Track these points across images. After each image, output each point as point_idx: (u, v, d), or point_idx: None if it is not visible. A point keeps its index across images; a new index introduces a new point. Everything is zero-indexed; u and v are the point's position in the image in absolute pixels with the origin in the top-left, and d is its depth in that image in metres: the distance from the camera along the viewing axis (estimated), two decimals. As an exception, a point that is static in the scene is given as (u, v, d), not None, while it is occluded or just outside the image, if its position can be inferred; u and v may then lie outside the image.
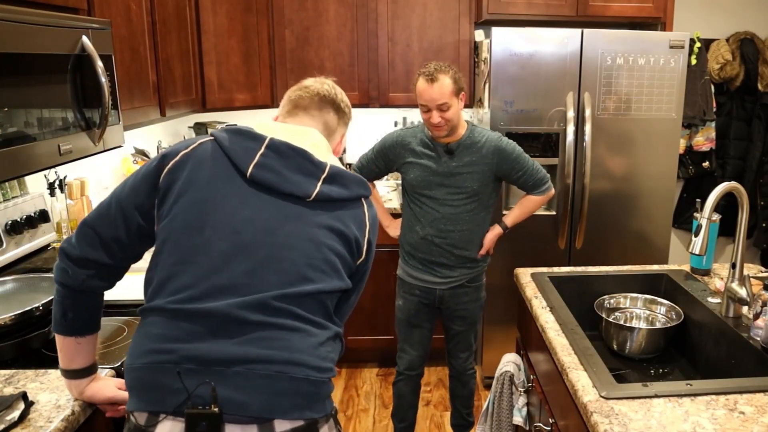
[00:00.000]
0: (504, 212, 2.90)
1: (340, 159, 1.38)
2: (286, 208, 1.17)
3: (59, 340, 1.22)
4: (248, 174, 1.16)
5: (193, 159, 1.18)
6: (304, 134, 1.25)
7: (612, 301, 1.89)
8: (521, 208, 2.36)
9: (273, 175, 1.17)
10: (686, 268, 2.04)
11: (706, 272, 1.98)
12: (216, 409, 1.04)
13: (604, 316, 1.78)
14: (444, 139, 2.20)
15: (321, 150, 1.24)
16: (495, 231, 2.33)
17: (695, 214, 1.81)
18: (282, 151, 1.19)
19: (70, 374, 1.24)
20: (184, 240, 1.13)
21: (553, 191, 2.34)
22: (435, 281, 2.29)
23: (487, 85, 2.86)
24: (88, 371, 1.25)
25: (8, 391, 1.29)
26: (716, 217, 1.95)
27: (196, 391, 1.05)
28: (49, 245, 2.05)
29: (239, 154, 1.17)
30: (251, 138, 1.19)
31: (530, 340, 1.88)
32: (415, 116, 3.61)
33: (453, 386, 2.55)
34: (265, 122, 1.28)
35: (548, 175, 2.31)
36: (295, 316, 1.13)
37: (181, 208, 1.14)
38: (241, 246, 1.13)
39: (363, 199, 1.26)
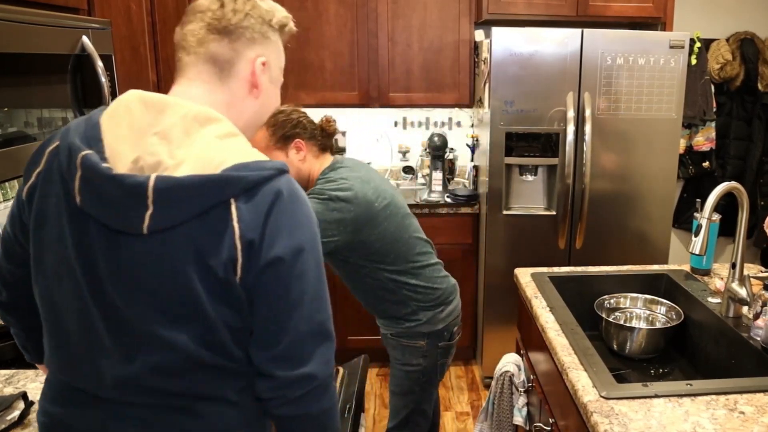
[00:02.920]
0: (505, 211, 2.92)
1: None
2: (126, 248, 0.89)
3: (40, 367, 1.21)
4: (78, 204, 0.89)
5: (43, 179, 0.95)
6: (159, 115, 0.91)
7: (612, 301, 1.89)
8: None
9: (97, 206, 0.88)
10: (686, 268, 2.04)
11: (706, 272, 1.98)
12: None
13: (604, 316, 1.77)
14: None
15: (174, 136, 0.89)
16: None
17: (695, 214, 1.81)
18: (90, 173, 0.87)
19: None
20: (39, 288, 0.97)
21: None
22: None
23: (487, 85, 2.86)
24: None
25: (8, 391, 1.29)
26: (716, 217, 1.95)
27: None
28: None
29: (69, 173, 0.90)
30: (76, 150, 0.89)
31: (530, 340, 1.88)
32: (415, 116, 3.62)
33: None
34: (127, 100, 0.94)
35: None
36: (166, 394, 0.93)
37: (35, 248, 0.96)
38: (83, 312, 0.93)
39: (232, 200, 0.89)
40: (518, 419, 1.88)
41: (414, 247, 1.91)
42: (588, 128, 2.77)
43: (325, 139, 1.90)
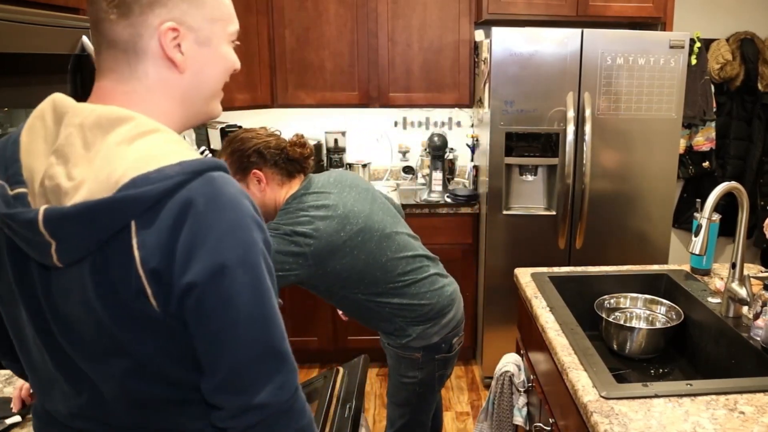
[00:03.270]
0: (504, 211, 2.92)
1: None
2: (54, 279, 0.81)
3: None
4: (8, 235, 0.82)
5: None
6: (59, 127, 0.82)
7: (612, 301, 1.89)
8: None
9: (17, 239, 0.81)
10: (686, 268, 2.04)
11: (706, 272, 1.98)
12: None
13: (604, 316, 1.77)
14: None
15: (72, 152, 0.78)
16: None
17: (695, 214, 1.81)
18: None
19: None
20: (3, 316, 0.94)
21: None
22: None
23: (487, 85, 2.86)
24: None
25: (8, 391, 1.29)
26: (716, 217, 1.95)
27: None
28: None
29: None
30: None
31: (530, 340, 1.88)
32: (415, 116, 3.62)
33: None
34: (42, 109, 0.87)
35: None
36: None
37: None
38: (34, 343, 0.89)
39: (133, 223, 0.77)
40: (518, 419, 1.88)
41: (394, 268, 1.78)
42: (588, 128, 2.77)
43: (289, 164, 1.76)
